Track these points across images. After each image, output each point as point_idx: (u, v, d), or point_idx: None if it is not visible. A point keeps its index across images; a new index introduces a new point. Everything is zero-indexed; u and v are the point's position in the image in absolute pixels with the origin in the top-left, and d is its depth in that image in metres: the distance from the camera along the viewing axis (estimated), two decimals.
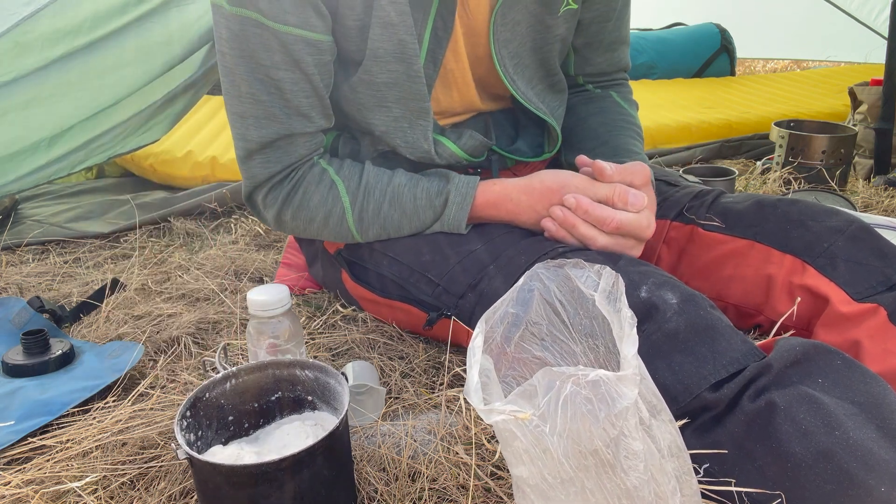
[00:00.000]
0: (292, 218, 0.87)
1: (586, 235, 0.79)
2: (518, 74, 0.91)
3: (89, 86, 1.39)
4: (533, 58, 0.92)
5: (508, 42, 0.87)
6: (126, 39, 1.40)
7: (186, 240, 1.43)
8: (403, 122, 0.86)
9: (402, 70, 0.82)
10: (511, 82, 0.90)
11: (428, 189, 0.84)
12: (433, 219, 0.85)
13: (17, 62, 1.26)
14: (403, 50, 0.81)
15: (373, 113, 0.86)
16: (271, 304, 0.74)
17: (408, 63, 0.81)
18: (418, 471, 0.67)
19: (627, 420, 0.42)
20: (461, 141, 0.90)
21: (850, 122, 1.75)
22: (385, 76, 0.82)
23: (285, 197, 0.86)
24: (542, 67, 0.94)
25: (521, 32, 0.88)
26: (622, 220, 0.78)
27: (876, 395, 0.56)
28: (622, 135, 0.97)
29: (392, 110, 0.85)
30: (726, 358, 0.61)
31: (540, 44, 0.91)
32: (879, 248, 0.77)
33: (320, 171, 0.86)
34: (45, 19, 1.26)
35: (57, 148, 1.42)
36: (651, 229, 0.80)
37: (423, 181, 0.85)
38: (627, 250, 0.80)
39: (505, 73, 0.89)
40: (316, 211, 0.86)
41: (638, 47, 2.88)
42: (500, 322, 0.55)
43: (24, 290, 1.18)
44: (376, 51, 0.80)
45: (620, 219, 0.78)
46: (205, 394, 0.63)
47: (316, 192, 0.85)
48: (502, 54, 0.87)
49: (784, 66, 3.83)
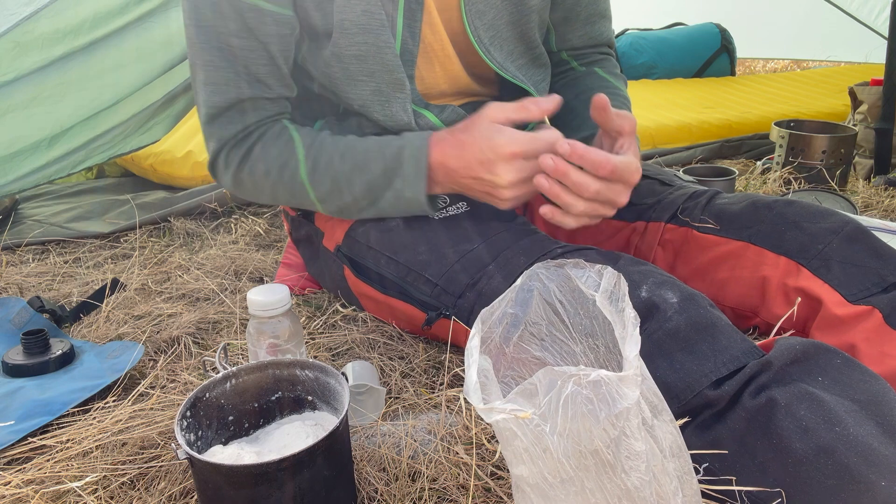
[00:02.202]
0: (249, 174, 0.88)
1: (579, 182, 0.75)
2: (495, 47, 0.90)
3: (89, 86, 1.39)
4: (512, 31, 0.91)
5: (482, 14, 0.87)
6: (126, 39, 1.40)
7: (186, 240, 1.43)
8: (380, 95, 0.86)
9: (371, 41, 0.82)
10: (486, 52, 0.89)
11: (378, 140, 0.84)
12: (382, 169, 0.83)
13: (17, 62, 1.26)
14: (369, 21, 0.81)
15: (349, 87, 0.86)
16: (271, 304, 0.74)
17: (375, 34, 0.81)
18: (418, 471, 0.67)
19: (629, 420, 0.42)
20: (443, 115, 0.90)
21: (851, 122, 1.75)
22: (354, 49, 0.82)
23: (244, 153, 0.87)
24: (523, 41, 0.94)
25: (496, 5, 0.88)
26: (616, 164, 0.75)
27: (875, 393, 0.56)
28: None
29: (367, 84, 0.85)
30: (727, 355, 0.61)
31: (517, 17, 0.90)
32: (875, 249, 0.77)
33: (281, 128, 0.88)
34: (45, 19, 1.26)
35: (57, 148, 1.42)
36: (639, 173, 0.79)
37: (373, 142, 0.85)
38: (616, 196, 0.77)
39: (479, 45, 0.88)
40: (272, 164, 0.87)
41: (638, 47, 2.88)
42: (498, 322, 0.55)
43: (24, 290, 1.18)
44: (342, 23, 0.80)
45: (615, 162, 0.75)
46: (205, 394, 0.63)
47: (273, 146, 0.87)
48: (476, 25, 0.87)
49: (784, 66, 3.83)
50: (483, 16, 0.87)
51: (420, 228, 0.88)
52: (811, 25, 3.11)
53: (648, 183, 0.97)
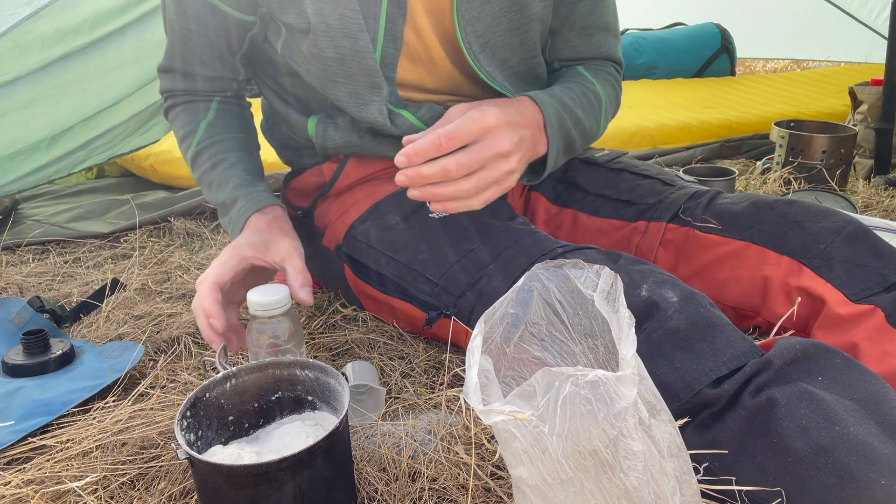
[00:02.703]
0: (171, 122, 1.00)
1: (438, 171, 0.70)
2: (487, 54, 0.89)
3: (89, 86, 1.39)
4: (511, 38, 0.90)
5: (476, 20, 0.86)
6: (126, 39, 1.40)
7: (186, 240, 1.43)
8: (357, 97, 0.87)
9: (349, 45, 0.82)
10: (474, 59, 0.88)
11: (232, 179, 0.91)
12: (222, 201, 0.91)
13: (17, 62, 1.26)
14: (347, 25, 0.81)
15: (327, 86, 0.87)
16: (271, 304, 0.74)
17: (353, 38, 0.82)
18: (418, 471, 0.67)
19: (626, 420, 0.42)
20: (420, 112, 0.90)
21: (851, 122, 1.75)
22: (332, 51, 0.83)
23: (172, 105, 0.99)
24: (523, 48, 0.92)
25: (493, 12, 0.87)
26: (449, 129, 0.69)
27: (875, 393, 0.56)
28: (553, 84, 0.94)
29: (344, 85, 0.86)
30: (727, 355, 0.61)
31: (517, 24, 0.89)
32: (876, 248, 0.77)
33: (205, 106, 0.97)
34: (45, 19, 1.26)
35: (57, 148, 1.42)
36: (487, 119, 0.71)
37: (234, 176, 0.91)
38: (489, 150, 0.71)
39: (469, 51, 0.87)
40: (178, 130, 0.97)
41: (638, 47, 2.88)
42: (499, 322, 0.55)
43: (24, 290, 1.18)
44: (319, 25, 0.81)
45: (448, 129, 0.69)
46: (205, 394, 0.63)
47: (185, 116, 0.96)
48: (467, 31, 0.86)
49: (784, 66, 3.83)
50: (477, 22, 0.86)
51: (420, 227, 0.88)
52: (811, 25, 3.11)
53: (650, 183, 0.97)
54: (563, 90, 0.89)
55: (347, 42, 0.82)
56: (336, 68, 0.85)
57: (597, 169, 1.02)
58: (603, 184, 0.99)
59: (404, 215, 0.90)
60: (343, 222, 0.95)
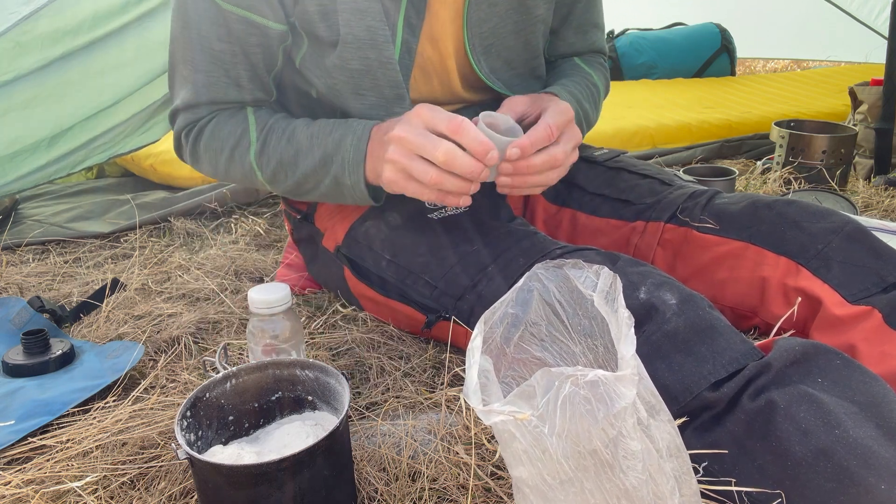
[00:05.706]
0: (205, 149, 0.89)
1: (541, 163, 0.76)
2: (490, 55, 0.90)
3: (89, 86, 1.39)
4: (516, 40, 0.91)
5: (483, 22, 0.87)
6: (126, 39, 1.40)
7: (186, 240, 1.43)
8: (379, 109, 0.87)
9: (375, 57, 0.82)
10: (476, 61, 0.89)
11: (324, 125, 0.84)
12: (322, 155, 0.82)
13: (17, 62, 1.26)
14: (374, 37, 0.81)
15: (351, 98, 0.86)
16: (272, 302, 0.74)
17: (379, 50, 0.82)
18: (418, 471, 0.67)
19: (625, 420, 0.42)
20: None
21: (851, 122, 1.75)
22: (358, 63, 0.83)
23: (202, 127, 0.89)
24: (527, 50, 0.94)
25: (501, 13, 0.88)
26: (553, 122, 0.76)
27: (875, 395, 0.56)
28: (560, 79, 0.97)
29: (368, 97, 0.86)
30: (726, 357, 0.61)
31: (522, 25, 0.90)
32: (874, 248, 0.77)
33: (238, 108, 0.89)
34: (44, 19, 1.26)
35: (57, 148, 1.42)
36: (570, 112, 0.79)
37: (322, 126, 0.84)
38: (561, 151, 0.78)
39: (472, 52, 0.88)
40: (225, 141, 0.87)
41: (638, 47, 2.88)
42: (499, 323, 0.56)
43: (24, 290, 1.18)
44: (347, 37, 0.81)
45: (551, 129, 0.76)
46: (205, 394, 0.63)
47: (228, 123, 0.88)
48: (473, 32, 0.87)
49: (784, 66, 3.83)
50: (484, 23, 0.87)
51: (420, 229, 0.88)
52: (811, 25, 3.10)
53: (648, 182, 0.97)
54: (574, 85, 0.93)
55: (373, 53, 0.82)
56: (361, 80, 0.84)
57: (596, 167, 1.02)
58: (602, 182, 0.99)
59: (404, 217, 0.90)
60: (343, 224, 0.95)
